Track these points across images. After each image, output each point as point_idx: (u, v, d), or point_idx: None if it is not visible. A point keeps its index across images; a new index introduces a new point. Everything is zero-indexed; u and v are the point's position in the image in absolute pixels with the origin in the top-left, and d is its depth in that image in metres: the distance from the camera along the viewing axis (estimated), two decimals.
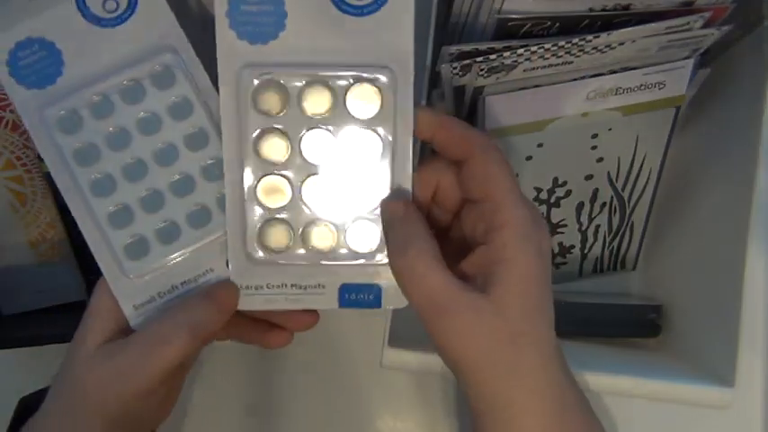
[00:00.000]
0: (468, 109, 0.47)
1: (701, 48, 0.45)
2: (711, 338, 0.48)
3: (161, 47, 0.36)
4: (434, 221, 0.37)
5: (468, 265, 0.34)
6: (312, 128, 0.35)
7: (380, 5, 0.34)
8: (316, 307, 0.37)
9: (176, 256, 0.37)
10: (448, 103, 0.47)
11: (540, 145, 0.48)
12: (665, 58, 0.45)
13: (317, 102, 0.35)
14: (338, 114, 0.35)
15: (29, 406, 0.38)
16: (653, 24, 0.41)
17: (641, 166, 0.51)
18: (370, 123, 0.35)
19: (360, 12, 0.34)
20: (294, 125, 0.35)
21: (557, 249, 0.55)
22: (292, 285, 0.37)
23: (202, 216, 0.37)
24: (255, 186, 0.36)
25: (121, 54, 0.36)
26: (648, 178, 0.52)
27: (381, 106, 0.34)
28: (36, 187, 0.48)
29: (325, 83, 0.34)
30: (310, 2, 0.33)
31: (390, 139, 0.35)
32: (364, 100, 0.34)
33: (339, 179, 0.35)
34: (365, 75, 0.34)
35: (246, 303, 0.37)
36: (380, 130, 0.35)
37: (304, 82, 0.34)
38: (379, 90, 0.34)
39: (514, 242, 0.32)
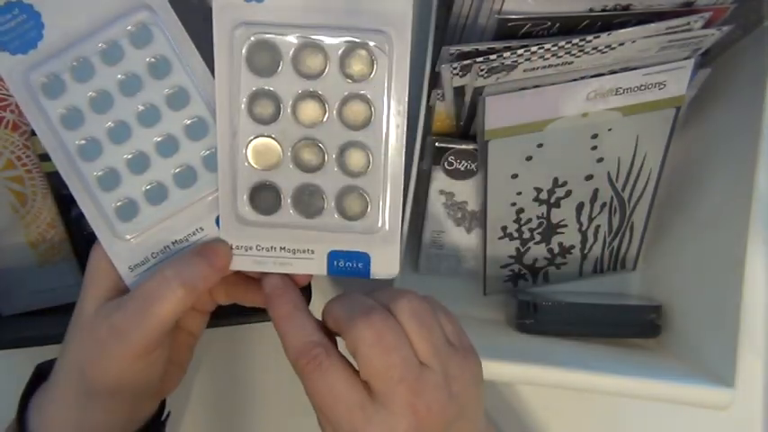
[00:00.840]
0: (469, 109, 0.47)
1: (702, 48, 0.45)
2: (711, 338, 0.48)
3: (137, 4, 0.36)
4: None
5: None
6: (305, 92, 0.35)
7: None
8: (304, 272, 0.37)
9: (166, 217, 0.38)
10: (448, 103, 0.47)
11: (540, 145, 0.48)
12: (665, 59, 0.45)
13: (310, 64, 0.34)
14: (331, 78, 0.34)
15: (44, 373, 0.39)
16: (653, 24, 0.41)
17: (641, 166, 0.51)
18: (362, 89, 0.34)
19: None
20: (286, 87, 0.35)
21: (557, 249, 0.55)
22: (282, 248, 0.37)
23: (188, 176, 0.38)
24: (246, 147, 0.36)
25: (99, 13, 0.36)
26: (648, 178, 0.52)
27: (375, 72, 0.34)
28: (36, 187, 0.48)
29: (319, 45, 0.34)
30: None
31: (384, 105, 0.34)
32: (358, 64, 0.34)
33: (330, 144, 0.35)
34: (360, 39, 0.34)
35: (236, 263, 0.37)
36: (373, 96, 0.34)
37: (298, 43, 0.34)
38: (374, 55, 0.34)
39: None
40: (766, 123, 0.44)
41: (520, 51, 0.40)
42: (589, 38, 0.40)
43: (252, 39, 0.34)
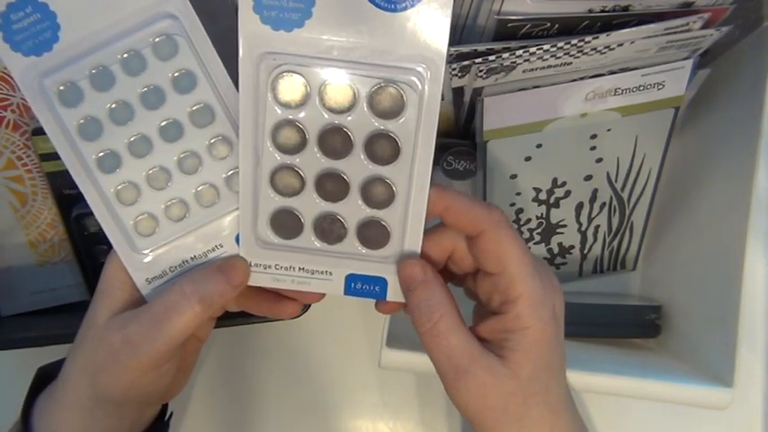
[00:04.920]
0: (468, 110, 0.47)
1: (701, 48, 0.45)
2: (711, 338, 0.48)
3: (161, 12, 0.34)
4: (450, 280, 0.38)
5: (484, 330, 0.35)
6: (331, 125, 0.34)
7: (415, 2, 0.31)
8: (321, 291, 0.37)
9: (185, 233, 0.37)
10: (447, 103, 0.47)
11: (539, 145, 0.48)
12: (664, 59, 0.45)
13: (337, 99, 0.33)
14: (359, 114, 0.33)
15: (46, 375, 0.39)
16: (652, 25, 0.41)
17: (641, 166, 0.51)
18: (391, 126, 0.34)
19: (393, 7, 0.31)
20: (313, 119, 0.34)
21: (556, 250, 0.55)
22: (300, 269, 0.37)
23: (210, 195, 0.37)
24: (269, 175, 0.35)
25: (119, 18, 0.34)
26: (648, 178, 0.52)
27: (405, 110, 0.33)
28: (36, 187, 0.48)
29: (348, 80, 0.33)
30: None
31: (411, 143, 0.34)
32: (387, 102, 0.33)
33: (354, 177, 0.35)
34: (391, 75, 0.33)
35: (255, 279, 0.37)
36: (401, 133, 0.34)
37: (326, 77, 0.33)
38: (404, 93, 0.33)
39: (529, 312, 0.34)
40: (766, 123, 0.44)
41: (519, 52, 0.40)
42: (588, 38, 0.40)
43: (279, 69, 0.33)
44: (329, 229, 0.36)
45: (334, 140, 0.34)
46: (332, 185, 0.35)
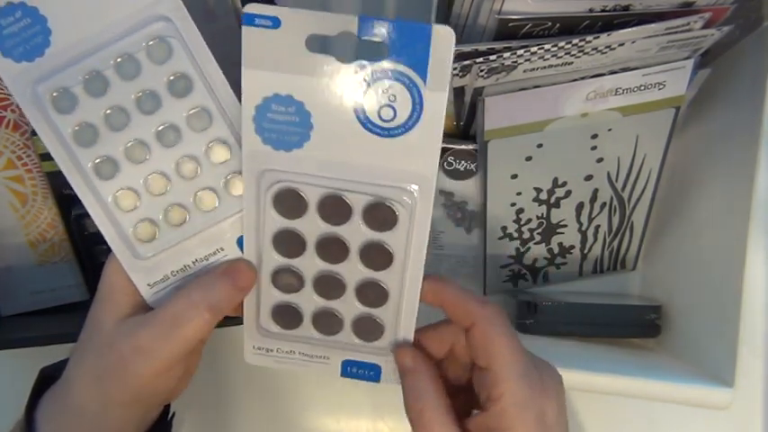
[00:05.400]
0: (468, 109, 0.47)
1: (702, 48, 0.45)
2: (711, 338, 0.48)
3: (152, 14, 0.34)
4: (452, 375, 0.38)
5: (473, 424, 0.35)
6: (329, 234, 0.36)
7: (408, 129, 0.33)
8: (320, 374, 0.39)
9: (186, 238, 0.37)
10: (448, 103, 0.47)
11: (539, 145, 0.48)
12: (665, 59, 0.45)
13: (334, 213, 0.35)
14: (354, 226, 0.35)
15: (49, 377, 0.39)
16: (653, 25, 0.41)
17: (641, 166, 0.51)
18: (384, 238, 0.35)
19: (387, 133, 0.33)
20: (310, 229, 0.36)
21: (557, 250, 0.55)
22: (300, 353, 0.39)
23: (210, 199, 0.37)
24: (270, 275, 0.37)
25: (111, 22, 0.34)
26: (648, 178, 0.52)
27: (397, 225, 0.35)
28: (36, 187, 0.48)
29: (344, 198, 0.35)
30: (338, 118, 0.33)
31: (403, 251, 0.35)
32: (380, 217, 0.35)
33: (350, 279, 0.37)
34: (384, 193, 0.34)
35: (257, 361, 0.39)
36: (394, 244, 0.35)
37: (322, 194, 0.35)
38: (396, 210, 0.34)
39: (512, 413, 0.33)
40: (766, 123, 0.44)
41: (520, 52, 0.40)
42: (589, 38, 0.40)
43: (278, 185, 0.35)
44: (327, 323, 0.38)
45: (331, 248, 0.36)
46: (329, 286, 0.37)
